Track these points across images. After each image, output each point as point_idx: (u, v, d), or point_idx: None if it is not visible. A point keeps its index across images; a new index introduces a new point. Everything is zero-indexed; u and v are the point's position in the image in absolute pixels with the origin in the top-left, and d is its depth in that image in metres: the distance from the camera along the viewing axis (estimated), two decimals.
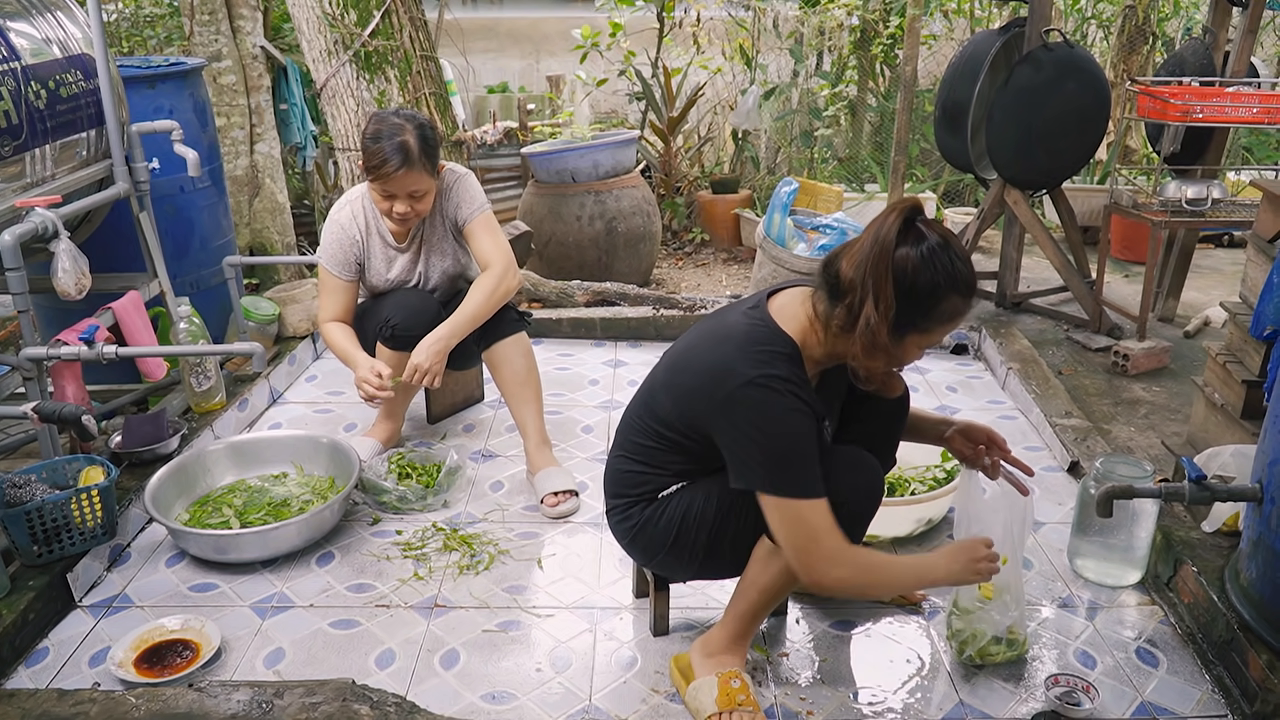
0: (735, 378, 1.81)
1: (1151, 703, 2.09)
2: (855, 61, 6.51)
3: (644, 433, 2.05)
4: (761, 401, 1.80)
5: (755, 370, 1.81)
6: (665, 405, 2.00)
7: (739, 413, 1.82)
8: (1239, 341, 2.87)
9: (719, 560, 2.05)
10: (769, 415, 1.80)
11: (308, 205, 5.67)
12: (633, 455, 2.08)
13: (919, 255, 1.76)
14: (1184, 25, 6.55)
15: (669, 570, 2.17)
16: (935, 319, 1.80)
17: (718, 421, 1.86)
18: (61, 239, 2.62)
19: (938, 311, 1.79)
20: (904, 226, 1.77)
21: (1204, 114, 3.75)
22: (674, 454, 2.02)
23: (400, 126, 2.74)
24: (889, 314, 1.76)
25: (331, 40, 4.21)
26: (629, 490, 2.09)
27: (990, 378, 3.87)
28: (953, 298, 1.79)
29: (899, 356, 1.85)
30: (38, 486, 2.39)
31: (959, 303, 1.80)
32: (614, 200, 5.14)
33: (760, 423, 1.80)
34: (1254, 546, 2.09)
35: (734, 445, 1.84)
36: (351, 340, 2.95)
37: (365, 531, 2.74)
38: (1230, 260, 5.43)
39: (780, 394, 1.80)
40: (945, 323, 1.82)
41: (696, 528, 1.99)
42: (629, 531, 2.10)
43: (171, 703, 1.92)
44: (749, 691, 2.02)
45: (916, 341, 1.83)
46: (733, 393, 1.81)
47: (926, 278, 1.75)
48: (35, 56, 2.80)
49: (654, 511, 2.04)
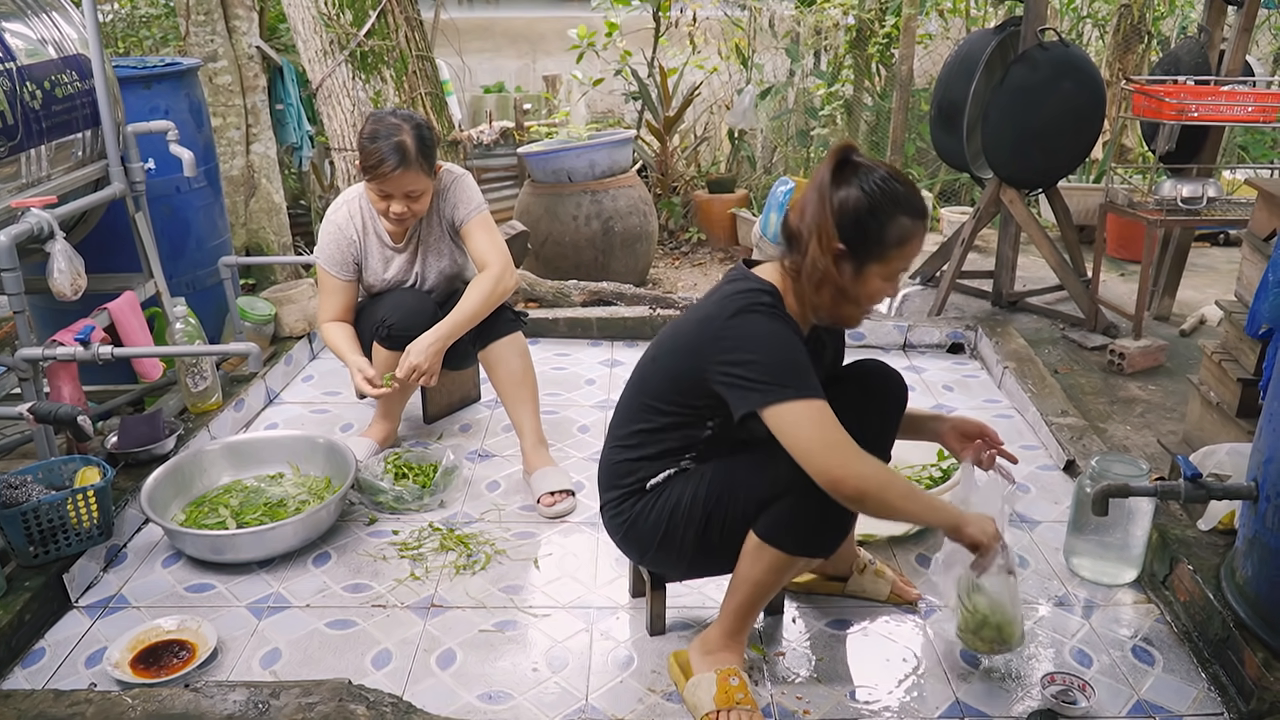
0: (721, 317, 1.88)
1: (1147, 701, 2.09)
2: (851, 61, 6.52)
3: (635, 419, 2.07)
4: (751, 323, 1.86)
5: (739, 304, 1.87)
6: (656, 380, 2.03)
7: (730, 342, 1.86)
8: (1234, 340, 2.88)
9: (709, 556, 2.05)
10: (759, 332, 1.85)
11: (304, 205, 5.67)
12: (624, 444, 2.09)
13: (858, 187, 1.84)
14: (1179, 24, 6.57)
15: (662, 567, 2.18)
16: (888, 245, 1.85)
17: (711, 363, 1.88)
18: (57, 239, 2.62)
19: (887, 236, 1.85)
20: (839, 166, 1.86)
21: (1199, 113, 3.76)
22: (666, 434, 2.02)
23: (397, 126, 2.74)
24: (833, 249, 1.84)
25: (327, 40, 4.21)
26: (620, 482, 2.09)
27: (986, 376, 3.87)
28: (899, 219, 1.85)
29: (867, 292, 1.90)
30: (34, 487, 2.38)
31: (907, 224, 1.86)
32: (610, 200, 5.14)
33: (752, 341, 1.84)
34: (1249, 544, 2.10)
35: (730, 372, 1.84)
36: (347, 340, 2.95)
37: (362, 531, 2.74)
38: (1226, 259, 5.44)
39: (767, 315, 1.87)
40: (899, 247, 1.86)
41: (685, 524, 2.00)
42: (621, 527, 2.11)
43: (168, 703, 1.92)
44: (747, 689, 2.02)
45: (878, 272, 1.88)
46: (721, 329, 1.87)
47: (868, 206, 1.83)
48: (31, 57, 2.80)
49: (644, 506, 2.05)
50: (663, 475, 2.04)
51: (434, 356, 2.81)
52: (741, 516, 1.93)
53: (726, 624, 2.05)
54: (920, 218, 1.88)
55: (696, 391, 1.94)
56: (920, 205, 1.89)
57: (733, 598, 2.04)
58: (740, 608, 2.03)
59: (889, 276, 1.90)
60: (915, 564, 2.59)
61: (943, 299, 4.38)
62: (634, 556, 2.21)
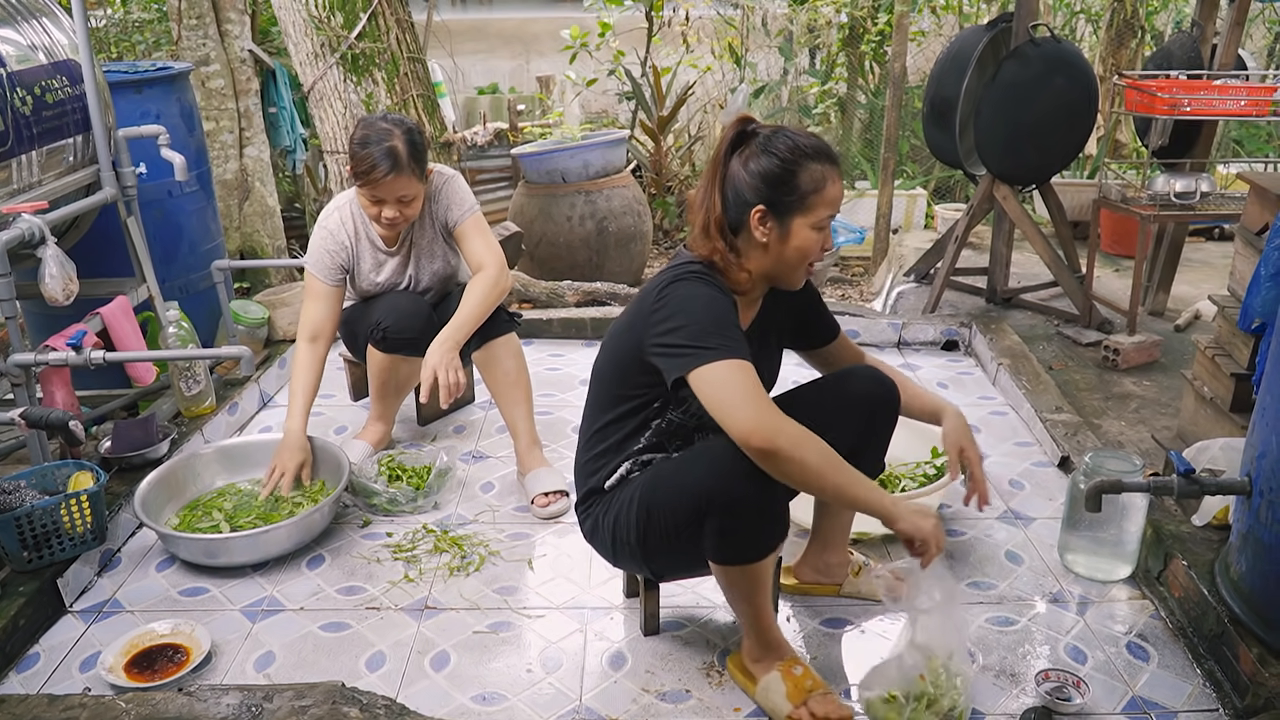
0: (653, 292, 1.92)
1: (1142, 697, 2.09)
2: (844, 59, 6.53)
3: (592, 415, 2.12)
4: (678, 289, 1.89)
5: (669, 277, 1.92)
6: (604, 369, 2.07)
7: (661, 312, 1.88)
8: (1228, 334, 2.88)
9: (659, 561, 2.07)
10: (685, 295, 1.88)
11: (298, 208, 5.67)
12: (586, 442, 2.14)
13: (756, 147, 1.90)
14: (1172, 19, 6.57)
15: (628, 569, 2.22)
16: (805, 193, 1.89)
17: (646, 337, 1.90)
18: (49, 245, 2.61)
19: (801, 184, 1.88)
20: (737, 138, 1.93)
21: (1192, 107, 3.76)
22: (619, 424, 2.05)
23: (388, 132, 2.73)
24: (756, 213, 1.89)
25: (318, 43, 4.21)
26: (584, 482, 2.14)
27: (981, 373, 3.88)
28: (807, 165, 1.89)
29: (797, 246, 1.93)
30: (27, 492, 2.38)
31: (818, 169, 1.89)
32: (604, 200, 5.14)
33: (678, 306, 1.87)
34: (1243, 540, 2.10)
35: (661, 341, 1.86)
36: (307, 384, 2.85)
37: (355, 534, 2.74)
38: (1220, 253, 5.44)
39: (693, 280, 1.89)
40: (816, 192, 1.89)
41: (627, 530, 2.02)
42: (586, 529, 2.17)
43: (162, 707, 1.91)
44: (812, 673, 2.02)
45: (804, 223, 1.91)
46: (653, 302, 1.90)
47: (777, 161, 1.88)
48: (21, 63, 2.80)
49: (601, 509, 2.09)
50: (617, 475, 2.07)
51: (448, 357, 2.75)
52: (673, 527, 1.94)
53: (753, 635, 2.06)
54: (830, 161, 1.92)
55: (637, 369, 1.96)
56: (826, 150, 1.93)
57: (740, 614, 2.06)
58: (751, 617, 2.04)
59: (817, 225, 1.92)
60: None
61: (937, 296, 4.38)
62: (607, 559, 2.21)
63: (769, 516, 1.89)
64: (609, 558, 2.18)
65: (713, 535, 1.89)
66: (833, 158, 1.94)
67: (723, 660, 2.20)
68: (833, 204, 1.93)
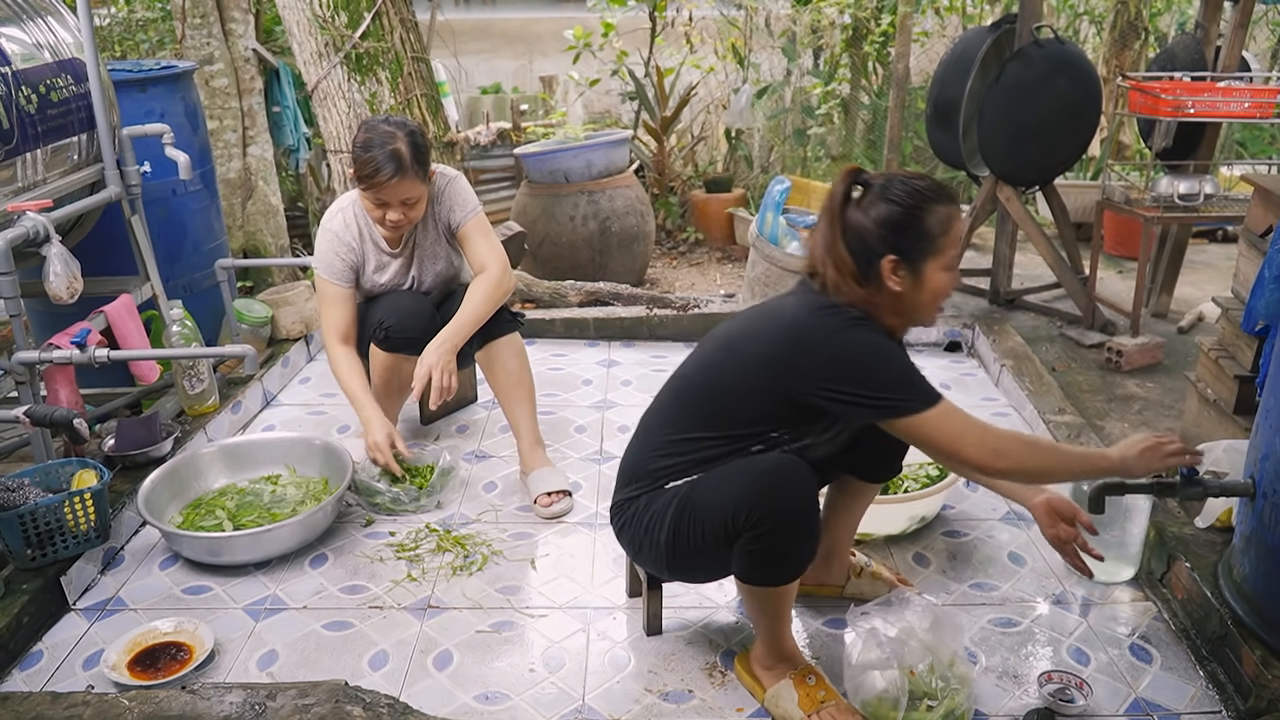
0: (819, 335, 1.89)
1: (1145, 699, 2.09)
2: (847, 59, 6.52)
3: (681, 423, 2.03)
4: (859, 338, 1.89)
5: (840, 319, 1.90)
6: (730, 393, 1.98)
7: (841, 358, 1.87)
8: (1231, 336, 2.87)
9: (678, 567, 2.06)
10: (870, 344, 1.89)
11: (301, 207, 5.67)
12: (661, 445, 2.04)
13: (874, 195, 1.90)
14: (1176, 20, 6.56)
15: (647, 566, 2.18)
16: (934, 236, 1.89)
17: (814, 381, 1.88)
18: (53, 243, 2.61)
19: (929, 227, 1.89)
20: (849, 189, 1.94)
21: (1196, 109, 3.76)
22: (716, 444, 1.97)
23: (391, 135, 2.72)
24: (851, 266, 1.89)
25: (322, 42, 4.21)
26: (640, 480, 2.06)
27: (984, 375, 3.87)
28: (931, 207, 1.89)
29: (931, 290, 1.93)
30: (31, 490, 2.38)
31: (940, 209, 1.90)
32: (607, 200, 5.14)
33: (866, 355, 1.88)
34: (1247, 542, 2.10)
35: (842, 390, 1.86)
36: (362, 383, 2.89)
37: (358, 533, 2.74)
38: (1224, 255, 5.44)
39: (868, 328, 1.90)
40: (945, 233, 1.90)
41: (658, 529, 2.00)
42: (619, 526, 2.13)
43: (165, 705, 1.92)
44: (825, 683, 2.02)
45: (936, 265, 1.91)
46: (822, 347, 1.88)
47: (901, 209, 1.88)
48: (26, 61, 2.80)
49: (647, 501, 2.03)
50: (681, 480, 2.01)
51: (446, 358, 2.77)
52: (703, 540, 1.94)
53: (767, 643, 2.06)
54: (950, 201, 1.93)
55: (775, 403, 1.93)
56: (943, 188, 1.94)
57: (757, 625, 2.06)
58: (769, 630, 2.04)
59: (948, 266, 1.93)
60: (912, 562, 2.59)
61: None
62: (628, 552, 2.19)
63: (801, 540, 1.91)
64: (630, 553, 2.17)
65: (743, 555, 1.91)
66: (952, 196, 1.95)
67: (725, 660, 2.20)
68: (960, 241, 1.96)
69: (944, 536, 2.69)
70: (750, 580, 1.96)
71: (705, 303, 4.36)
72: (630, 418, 3.45)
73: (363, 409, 2.88)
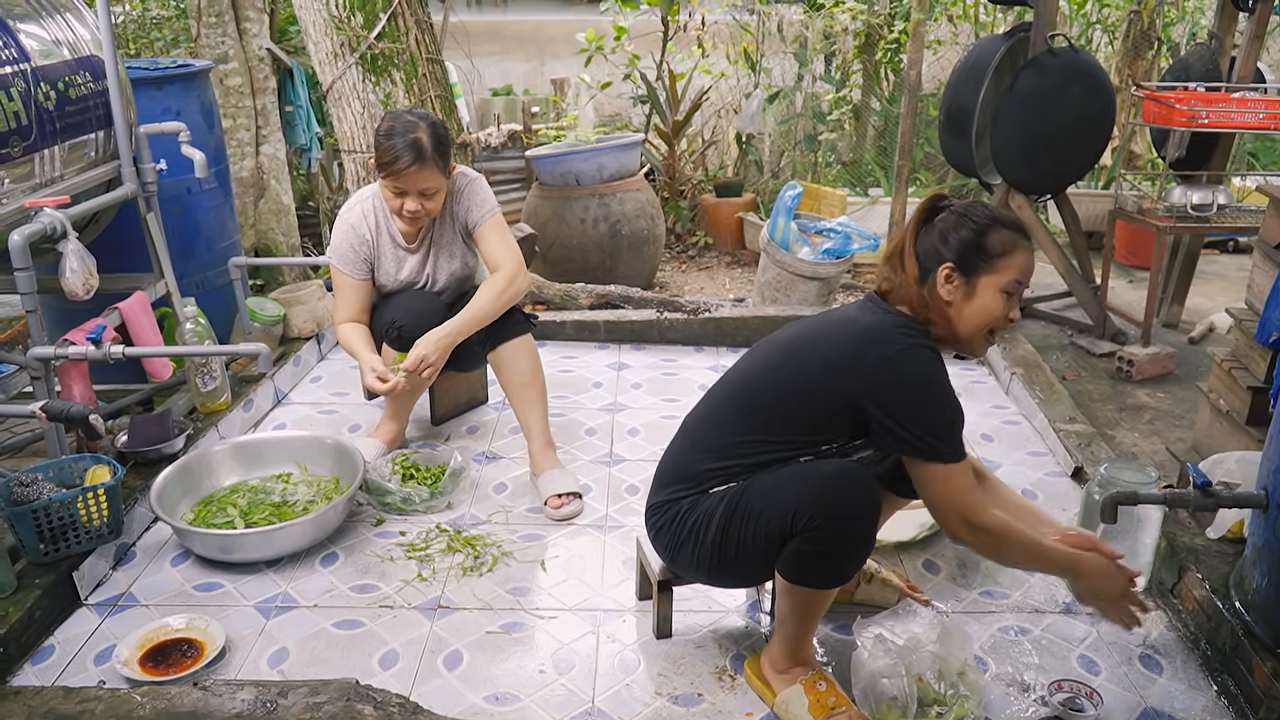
0: (885, 348, 1.91)
1: (1155, 709, 2.09)
2: (859, 66, 6.52)
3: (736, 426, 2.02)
4: (922, 367, 1.91)
5: (912, 338, 1.93)
6: (770, 395, 2.00)
7: (905, 377, 1.90)
8: (1244, 348, 2.87)
9: (722, 570, 2.06)
10: (937, 381, 1.92)
11: (312, 207, 5.68)
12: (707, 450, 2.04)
13: (950, 213, 1.99)
14: (1189, 30, 6.55)
15: (685, 570, 2.13)
16: (992, 254, 1.94)
17: (872, 395, 1.90)
18: (69, 239, 2.63)
19: (990, 246, 1.94)
20: (931, 210, 2.02)
21: (1209, 119, 3.75)
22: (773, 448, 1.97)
23: (414, 124, 2.75)
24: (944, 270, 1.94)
25: (338, 43, 4.23)
26: (685, 481, 2.05)
27: (994, 382, 3.87)
28: (998, 229, 1.95)
29: (983, 308, 1.95)
30: (44, 485, 2.39)
31: (1007, 235, 1.95)
32: (618, 203, 5.14)
33: (928, 387, 1.91)
34: (1259, 553, 2.09)
35: (900, 414, 1.88)
36: (361, 338, 2.94)
37: (369, 532, 2.75)
38: (1236, 266, 5.43)
39: (934, 360, 1.93)
40: (1004, 256, 1.94)
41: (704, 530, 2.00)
42: (658, 524, 2.09)
43: (176, 701, 1.93)
44: (836, 689, 2.02)
45: (990, 284, 1.94)
46: (887, 363, 1.89)
47: (966, 221, 1.95)
48: (45, 58, 2.81)
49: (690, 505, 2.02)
50: (726, 485, 2.00)
51: (442, 350, 2.80)
52: (753, 539, 1.94)
53: (788, 644, 2.06)
54: (1020, 233, 1.97)
55: (832, 411, 1.95)
56: (1016, 222, 1.99)
57: (785, 626, 2.05)
58: (796, 632, 2.04)
59: (1005, 289, 1.95)
60: (922, 569, 2.59)
61: None
62: (664, 554, 2.15)
63: (858, 546, 1.93)
64: (668, 556, 2.13)
65: (795, 554, 1.91)
66: (1023, 229, 1.99)
67: (735, 664, 2.20)
68: (1022, 272, 1.96)
69: (954, 544, 2.68)
70: (796, 580, 1.95)
71: (715, 307, 4.36)
72: (640, 421, 3.46)
73: (360, 355, 2.89)
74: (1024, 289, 1.99)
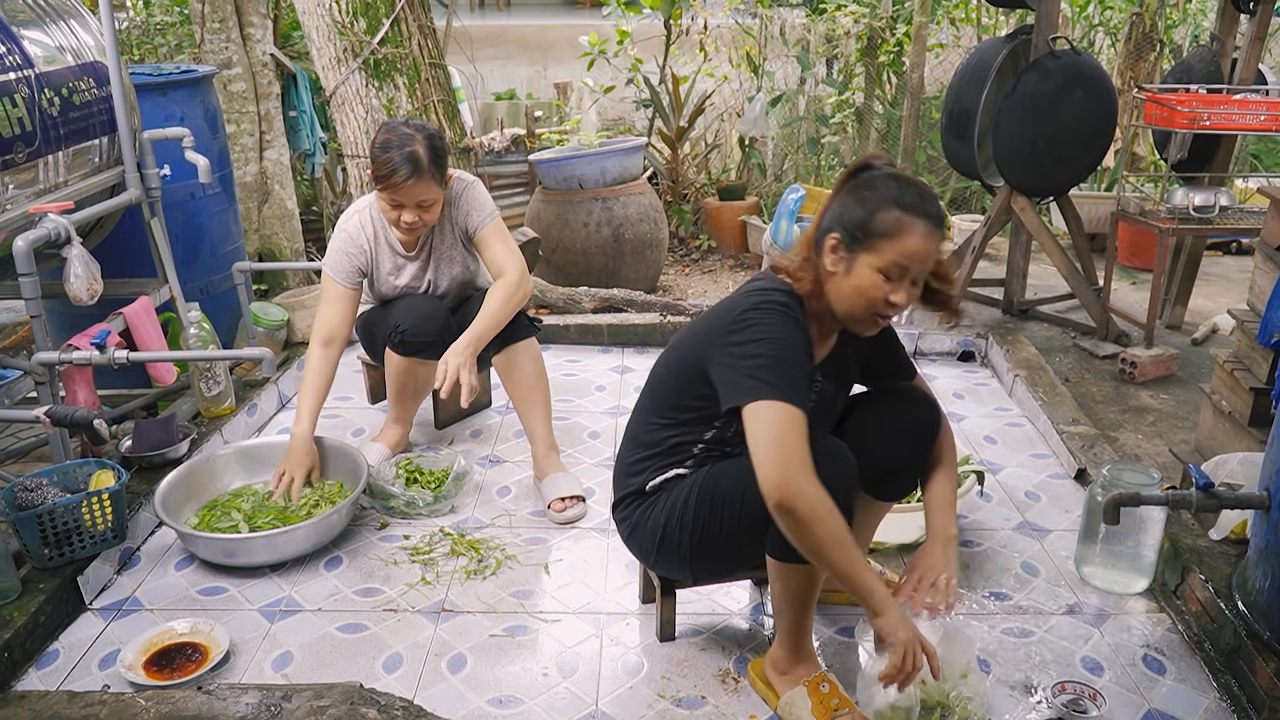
0: (735, 310, 1.91)
1: (1159, 710, 2.09)
2: (862, 69, 6.52)
3: (644, 418, 2.13)
4: (759, 316, 1.87)
5: (755, 300, 1.90)
6: (665, 376, 2.08)
7: (738, 335, 1.87)
8: (1247, 349, 2.87)
9: (706, 563, 2.07)
10: (764, 324, 1.86)
11: (316, 212, 5.70)
12: (633, 443, 2.14)
13: (857, 183, 1.91)
14: (1191, 32, 6.55)
15: (666, 571, 2.19)
16: (874, 234, 1.85)
17: (715, 350, 1.90)
18: (74, 245, 2.64)
19: (874, 226, 1.85)
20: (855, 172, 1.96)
21: (1211, 121, 3.76)
22: (671, 431, 2.05)
23: (410, 136, 2.75)
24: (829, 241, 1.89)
25: (341, 48, 4.24)
26: (626, 482, 2.14)
27: (997, 385, 3.87)
28: (889, 209, 1.85)
29: (859, 286, 1.87)
30: (49, 490, 2.40)
31: (897, 215, 1.84)
32: (621, 207, 5.15)
33: (756, 334, 1.85)
34: (1261, 554, 2.09)
35: (729, 362, 1.86)
36: (315, 397, 2.86)
37: (373, 536, 2.75)
38: (1238, 267, 5.43)
39: (778, 312, 1.88)
40: (888, 237, 1.84)
41: (679, 529, 2.02)
42: (625, 529, 2.16)
43: (181, 705, 1.93)
44: (839, 691, 2.02)
45: (869, 263, 1.86)
46: (733, 321, 1.89)
47: (859, 196, 1.89)
48: (49, 64, 2.82)
49: (644, 510, 2.09)
50: (660, 479, 2.07)
51: (469, 358, 2.76)
52: (734, 526, 1.95)
53: (787, 643, 2.06)
54: (917, 214, 1.84)
55: (702, 381, 1.95)
56: (920, 204, 1.86)
57: (782, 618, 2.05)
58: (792, 624, 2.04)
59: (883, 270, 1.85)
60: None
61: None
62: (641, 559, 2.22)
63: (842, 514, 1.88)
64: (646, 558, 2.18)
65: (780, 532, 1.86)
66: (924, 211, 1.86)
67: (738, 667, 2.21)
68: (906, 256, 1.84)
69: None
70: (785, 555, 1.90)
71: None
72: None
73: (299, 420, 2.83)
74: (913, 274, 1.87)
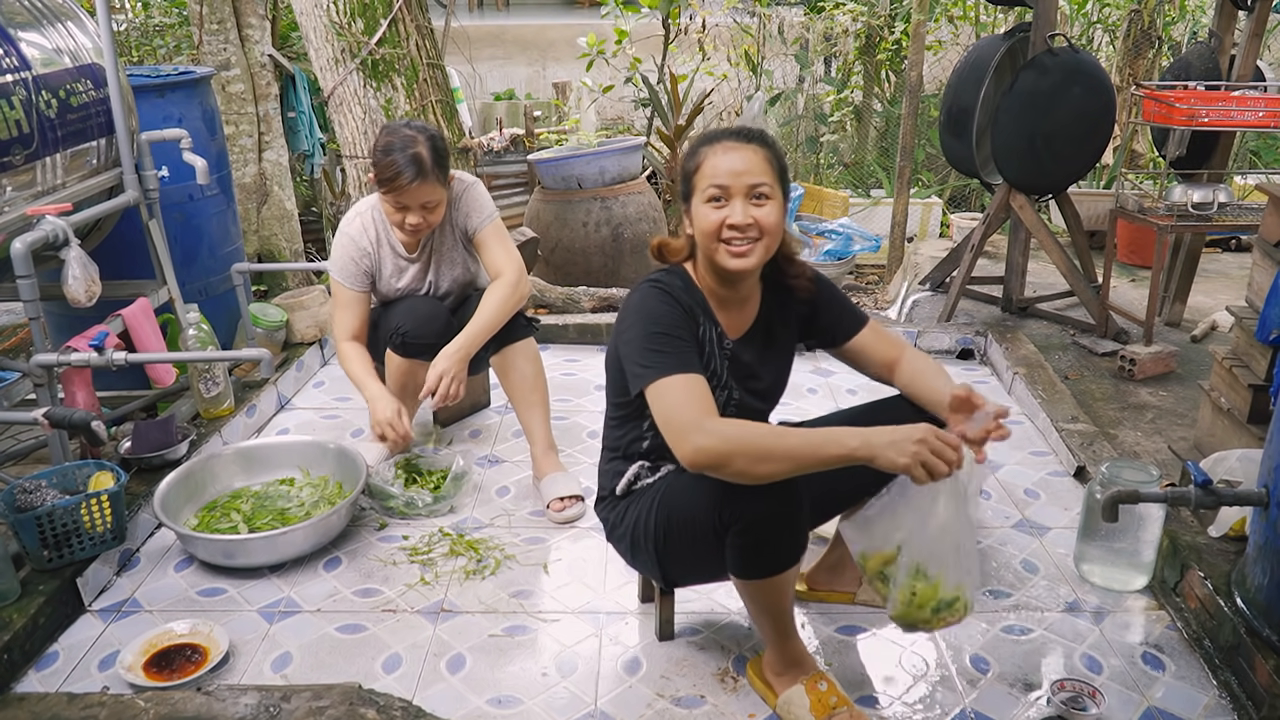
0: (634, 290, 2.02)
1: (1158, 708, 2.09)
2: (860, 67, 6.53)
3: (606, 420, 2.21)
4: (630, 302, 1.99)
5: (637, 287, 2.01)
6: (607, 377, 2.15)
7: (621, 322, 1.98)
8: (1245, 346, 2.87)
9: (675, 569, 2.08)
10: (635, 308, 1.96)
11: (315, 212, 5.70)
12: (604, 442, 2.24)
13: None
14: (1190, 29, 6.55)
15: (646, 573, 2.23)
16: (689, 173, 1.97)
17: (614, 343, 2.01)
18: (72, 246, 2.64)
19: (687, 168, 1.98)
20: None
21: (1209, 118, 3.76)
22: (618, 430, 2.15)
23: (412, 139, 2.75)
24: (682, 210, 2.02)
25: (339, 48, 4.24)
26: (602, 484, 2.22)
27: (996, 382, 3.87)
28: (694, 153, 1.97)
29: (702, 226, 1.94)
30: (48, 492, 2.40)
31: (698, 149, 1.96)
32: (620, 206, 5.15)
33: (629, 319, 1.95)
34: (1260, 551, 2.09)
35: (621, 351, 1.95)
36: (368, 368, 2.91)
37: (372, 536, 2.75)
38: (1237, 264, 5.43)
39: (647, 289, 1.98)
40: (697, 170, 1.95)
41: (645, 538, 2.04)
42: (606, 529, 2.21)
43: (180, 706, 1.93)
44: (836, 689, 2.02)
45: (698, 201, 1.95)
46: (621, 310, 2.01)
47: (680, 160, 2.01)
48: (46, 66, 2.82)
49: (617, 514, 2.14)
50: (624, 480, 2.11)
51: (460, 364, 2.79)
52: (692, 540, 1.95)
53: (775, 648, 2.06)
54: (713, 140, 1.95)
55: (620, 374, 1.99)
56: (717, 133, 1.98)
57: (762, 627, 2.05)
58: (774, 630, 2.03)
59: (705, 199, 1.93)
60: None
61: (952, 305, 4.38)
62: (624, 558, 2.24)
63: (790, 529, 1.89)
64: (627, 559, 2.21)
65: (734, 550, 1.89)
66: (722, 135, 1.96)
67: (738, 666, 2.21)
68: (712, 175, 1.91)
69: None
70: (742, 574, 1.93)
71: None
72: None
73: (366, 388, 2.88)
74: (731, 190, 1.89)
